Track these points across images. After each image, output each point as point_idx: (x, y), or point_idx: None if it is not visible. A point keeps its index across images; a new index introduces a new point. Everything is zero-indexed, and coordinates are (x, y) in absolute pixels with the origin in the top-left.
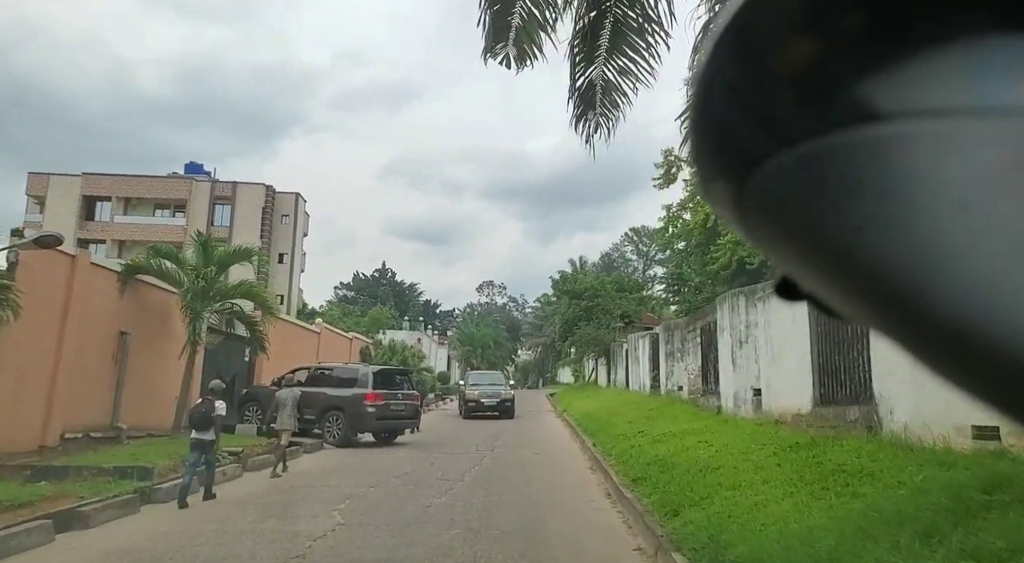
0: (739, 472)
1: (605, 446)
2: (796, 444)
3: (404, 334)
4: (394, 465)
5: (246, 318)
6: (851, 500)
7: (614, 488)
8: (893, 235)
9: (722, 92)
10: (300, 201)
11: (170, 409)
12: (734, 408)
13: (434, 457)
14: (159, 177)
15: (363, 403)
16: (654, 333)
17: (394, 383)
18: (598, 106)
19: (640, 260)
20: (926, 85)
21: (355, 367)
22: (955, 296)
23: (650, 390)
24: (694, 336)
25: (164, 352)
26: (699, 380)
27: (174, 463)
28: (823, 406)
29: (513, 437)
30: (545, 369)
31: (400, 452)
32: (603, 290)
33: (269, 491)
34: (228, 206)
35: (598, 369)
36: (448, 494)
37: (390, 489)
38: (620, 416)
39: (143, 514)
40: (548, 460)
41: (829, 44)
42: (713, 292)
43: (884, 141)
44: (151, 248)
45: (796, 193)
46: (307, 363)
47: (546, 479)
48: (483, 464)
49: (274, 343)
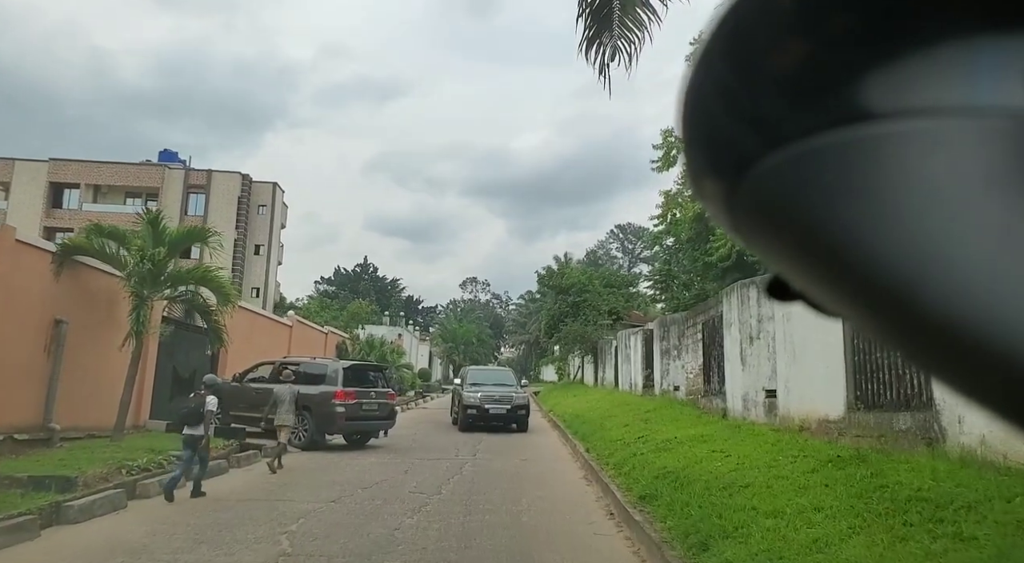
0: (775, 492)
1: (600, 453)
2: (837, 458)
3: (384, 329)
4: (363, 473)
5: (201, 306)
6: (959, 545)
7: (617, 506)
8: (884, 235)
9: (714, 93)
10: (278, 191)
11: (114, 407)
12: (743, 411)
13: (409, 463)
14: (130, 164)
15: (332, 402)
16: (647, 329)
17: (367, 380)
18: (615, 25)
19: (626, 257)
20: (917, 85)
21: (323, 362)
22: (947, 295)
23: (643, 390)
24: (694, 332)
25: (110, 344)
26: (700, 380)
27: (107, 470)
28: (860, 411)
29: (497, 440)
30: (528, 367)
31: (371, 457)
32: (590, 285)
33: (209, 507)
34: (203, 195)
35: (584, 367)
36: (422, 512)
37: (354, 504)
38: (613, 418)
39: (44, 538)
40: (537, 468)
41: (820, 44)
42: (702, 289)
43: (875, 141)
44: (92, 225)
45: (788, 193)
46: (274, 358)
47: (536, 494)
48: (464, 473)
49: (239, 336)
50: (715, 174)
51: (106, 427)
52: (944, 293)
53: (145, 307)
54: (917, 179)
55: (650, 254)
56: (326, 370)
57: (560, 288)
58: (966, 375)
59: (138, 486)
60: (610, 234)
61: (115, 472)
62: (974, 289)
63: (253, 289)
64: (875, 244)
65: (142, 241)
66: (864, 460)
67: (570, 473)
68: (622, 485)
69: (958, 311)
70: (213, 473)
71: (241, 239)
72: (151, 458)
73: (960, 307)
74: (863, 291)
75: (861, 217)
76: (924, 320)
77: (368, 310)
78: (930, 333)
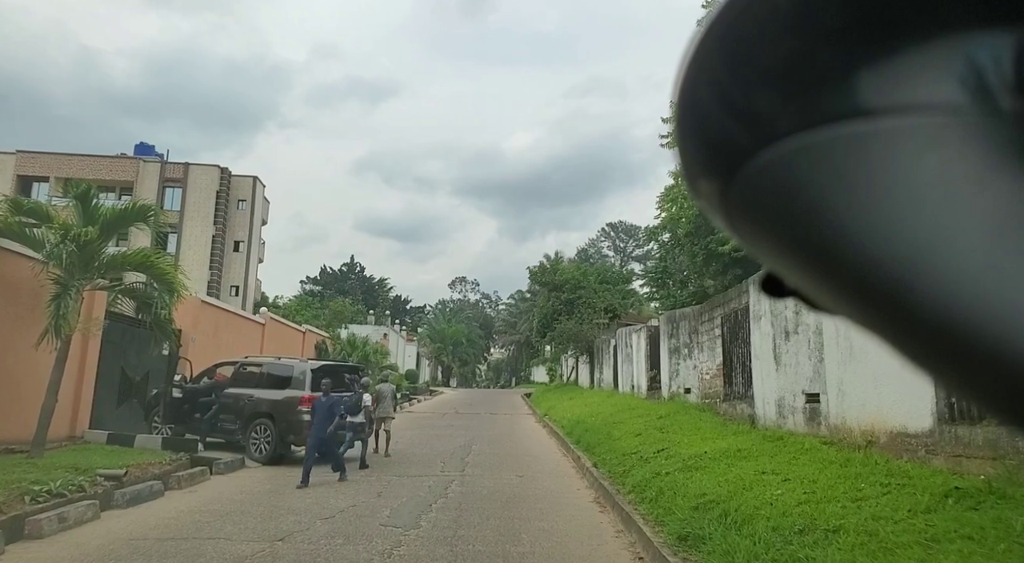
0: (888, 546)
1: (613, 469)
2: (956, 491)
3: (370, 329)
4: (328, 495)
5: (141, 297)
6: None
7: (649, 549)
8: (877, 231)
9: (708, 89)
10: (258, 185)
11: (34, 416)
12: (776, 419)
13: (385, 482)
14: (103, 156)
15: (298, 409)
16: (651, 326)
17: (341, 384)
18: None
19: (617, 256)
20: (910, 82)
21: (290, 363)
22: (939, 291)
23: (647, 392)
24: (711, 327)
25: (32, 342)
26: (718, 381)
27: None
28: (956, 423)
29: (488, 449)
30: (519, 368)
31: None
32: (585, 282)
33: (117, 550)
34: (179, 189)
35: (578, 368)
36: (394, 556)
37: (306, 545)
38: (621, 426)
39: None
40: (537, 488)
41: (814, 41)
42: (700, 285)
43: (868, 137)
44: (9, 200)
45: (781, 189)
46: (235, 358)
47: (539, 526)
48: (450, 495)
49: (203, 334)
50: (709, 170)
51: (21, 439)
52: (936, 289)
53: (68, 297)
54: (910, 175)
55: (642, 253)
56: (292, 372)
57: (553, 285)
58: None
59: (28, 523)
60: (601, 232)
61: (14, 500)
62: (966, 286)
63: (232, 287)
64: (867, 240)
65: (69, 219)
66: (1003, 496)
67: (577, 495)
68: (650, 517)
69: (950, 307)
70: (143, 498)
71: (220, 235)
72: (69, 480)
73: (952, 303)
74: (856, 287)
75: (854, 213)
76: (916, 316)
77: (352, 309)
78: (922, 329)
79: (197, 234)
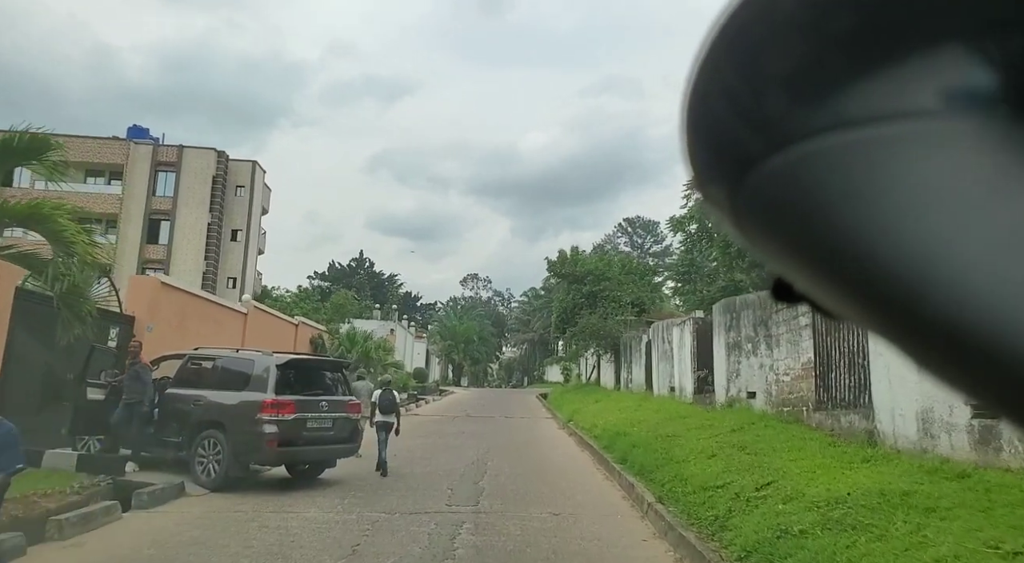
0: None
1: (694, 513)
2: None
3: (376, 324)
4: (284, 543)
5: (36, 263)
6: None
7: None
8: (887, 236)
9: (717, 94)
10: (258, 171)
11: None
12: (918, 439)
13: (369, 522)
14: (92, 138)
15: (256, 418)
16: (698, 318)
17: (319, 384)
18: None
19: (635, 252)
20: (920, 87)
21: (249, 357)
22: (948, 295)
23: (694, 396)
24: (792, 316)
25: None
26: (805, 384)
27: None
28: None
29: (508, 466)
30: (531, 367)
31: (315, 503)
32: (609, 273)
33: None
34: (173, 173)
35: (600, 367)
36: None
37: None
38: (680, 441)
39: None
40: (584, 539)
41: (823, 46)
42: (730, 280)
43: (878, 142)
44: None
45: (790, 195)
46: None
47: None
48: (458, 551)
49: (165, 322)
50: (719, 176)
51: None
52: (946, 292)
53: None
54: (920, 180)
55: (660, 249)
56: (252, 368)
57: (574, 276)
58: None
59: None
60: (618, 228)
61: None
62: (975, 289)
63: (230, 279)
64: (878, 245)
65: None
66: None
67: (645, 550)
68: None
69: (960, 310)
70: None
71: (216, 223)
72: None
73: (963, 308)
74: (865, 292)
75: (864, 218)
76: (927, 320)
77: (357, 304)
78: (933, 333)
79: (192, 222)
